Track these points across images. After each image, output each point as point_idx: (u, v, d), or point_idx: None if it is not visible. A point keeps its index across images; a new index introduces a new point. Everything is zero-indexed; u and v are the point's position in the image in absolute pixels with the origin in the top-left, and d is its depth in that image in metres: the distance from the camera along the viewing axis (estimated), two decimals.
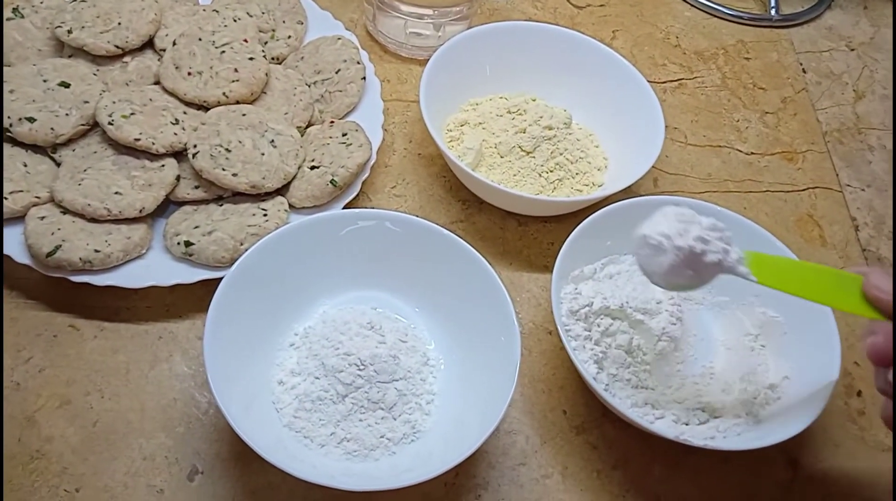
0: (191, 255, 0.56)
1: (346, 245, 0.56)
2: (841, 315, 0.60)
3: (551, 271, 0.55)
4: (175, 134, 0.60)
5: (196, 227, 0.57)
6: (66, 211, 0.56)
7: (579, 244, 0.57)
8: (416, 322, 0.57)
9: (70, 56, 0.64)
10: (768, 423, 0.54)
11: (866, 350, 0.44)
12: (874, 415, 0.60)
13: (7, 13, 0.65)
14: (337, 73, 0.67)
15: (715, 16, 0.87)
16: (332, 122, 0.65)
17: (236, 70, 0.63)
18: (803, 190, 0.73)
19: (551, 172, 0.66)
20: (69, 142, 0.60)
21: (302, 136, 0.64)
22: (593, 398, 0.57)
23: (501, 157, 0.66)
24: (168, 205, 0.60)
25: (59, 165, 0.59)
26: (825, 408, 0.52)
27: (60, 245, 0.54)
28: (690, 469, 0.55)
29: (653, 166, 0.63)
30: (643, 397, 0.54)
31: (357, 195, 0.62)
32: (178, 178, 0.59)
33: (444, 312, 0.57)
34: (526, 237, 0.66)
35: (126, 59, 0.64)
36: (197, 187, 0.60)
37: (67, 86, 0.61)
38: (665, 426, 0.53)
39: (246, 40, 0.66)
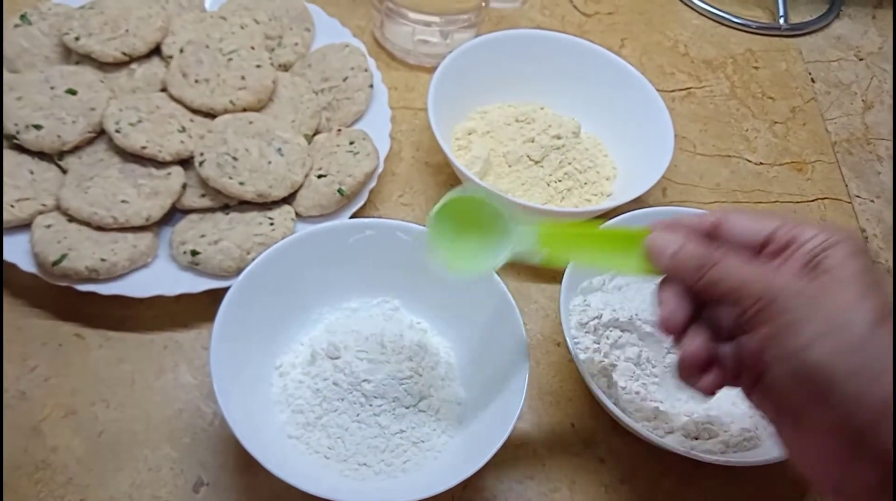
0: (197, 264, 0.56)
1: (354, 254, 0.56)
2: None
3: (559, 282, 0.55)
4: (182, 142, 0.60)
5: (202, 236, 0.57)
6: (72, 219, 0.56)
7: None
8: (427, 331, 0.56)
9: (77, 63, 0.64)
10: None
11: (660, 323, 0.42)
12: None
13: (14, 20, 0.65)
14: (344, 80, 0.67)
15: (723, 24, 0.87)
16: (340, 130, 0.64)
17: (243, 78, 0.63)
18: (812, 201, 0.73)
19: (560, 181, 0.65)
20: (76, 149, 0.60)
21: (309, 144, 0.63)
22: (601, 411, 0.56)
23: (510, 166, 0.66)
24: (174, 213, 0.60)
25: (65, 172, 0.59)
26: None
27: (67, 254, 0.54)
28: (699, 484, 0.55)
29: (662, 176, 0.63)
30: (652, 410, 0.54)
31: (364, 204, 0.62)
32: (184, 186, 0.59)
33: (452, 323, 0.56)
34: None
35: (133, 66, 0.64)
36: (203, 196, 0.59)
37: (74, 93, 0.60)
38: (675, 440, 0.53)
39: (253, 47, 0.65)
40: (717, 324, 0.42)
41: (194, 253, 0.56)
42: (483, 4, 0.75)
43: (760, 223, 0.41)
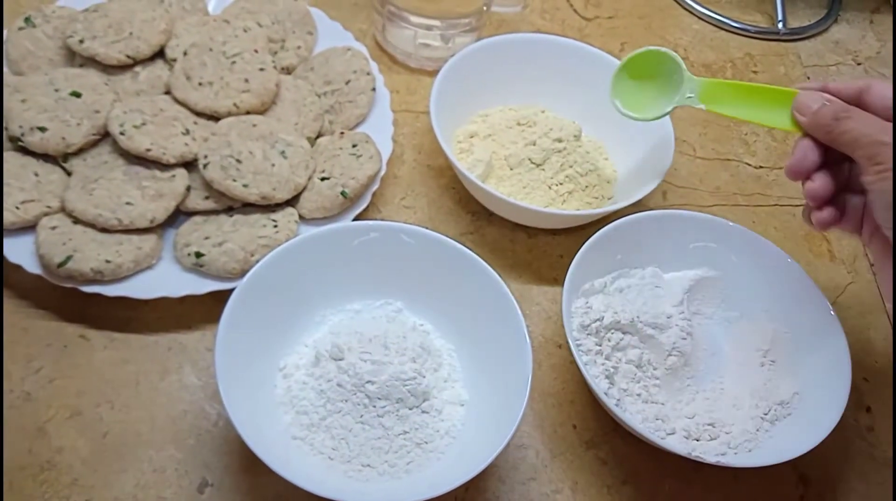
0: (201, 266, 0.56)
1: (357, 256, 0.56)
2: (850, 330, 0.60)
3: (560, 284, 0.55)
4: (186, 144, 0.60)
5: (206, 238, 0.57)
6: (77, 221, 0.56)
7: (589, 258, 0.57)
8: (430, 333, 0.57)
9: (81, 66, 0.64)
10: (779, 439, 0.54)
11: (807, 193, 0.51)
12: (884, 431, 0.60)
13: (19, 22, 0.65)
14: (347, 83, 0.68)
15: (723, 29, 0.87)
16: (343, 133, 0.65)
17: (247, 81, 0.63)
18: None
19: (561, 184, 0.66)
20: (80, 151, 0.60)
21: (312, 147, 0.64)
22: (603, 413, 0.57)
23: (511, 169, 0.66)
24: (178, 215, 0.60)
25: (70, 174, 0.59)
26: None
27: (72, 256, 0.54)
28: (701, 485, 0.55)
29: (662, 180, 0.63)
30: (654, 412, 0.54)
31: (367, 207, 0.62)
32: (188, 188, 0.59)
33: (454, 326, 0.57)
34: (535, 250, 0.66)
35: (137, 69, 0.64)
36: (207, 198, 0.60)
37: (79, 95, 0.61)
38: (676, 441, 0.53)
39: (256, 51, 0.66)
40: (850, 179, 0.51)
41: (198, 255, 0.56)
42: (484, 8, 0.75)
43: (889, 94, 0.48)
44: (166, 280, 0.56)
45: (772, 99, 0.54)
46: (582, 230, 0.64)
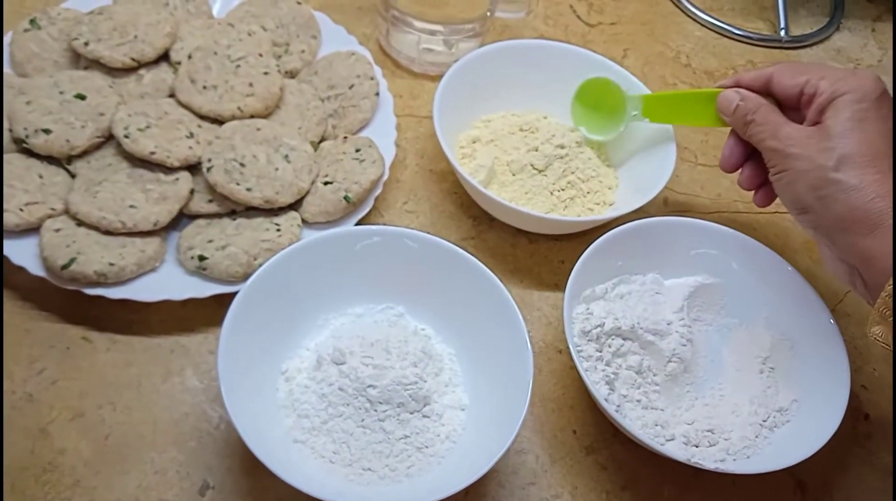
0: (204, 269, 0.56)
1: (360, 261, 0.56)
2: (849, 338, 0.60)
3: (562, 290, 0.56)
4: (190, 148, 0.60)
5: (210, 241, 0.58)
6: (80, 223, 0.57)
7: (591, 264, 0.57)
8: (431, 337, 0.57)
9: (86, 68, 0.64)
10: (778, 446, 0.54)
11: (721, 164, 0.60)
12: (882, 439, 0.60)
13: (24, 24, 0.66)
14: (350, 88, 0.68)
15: (725, 36, 0.87)
16: (346, 137, 0.65)
17: (251, 84, 0.64)
18: None
19: (563, 190, 0.66)
20: (84, 154, 0.60)
21: (315, 151, 0.64)
22: (603, 419, 0.57)
23: (513, 174, 0.67)
24: (181, 218, 0.60)
25: (74, 176, 0.59)
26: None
27: (75, 258, 0.54)
28: (700, 491, 0.55)
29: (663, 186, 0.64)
30: (653, 418, 0.55)
31: (370, 211, 0.62)
32: (192, 191, 0.60)
33: (455, 330, 0.57)
34: (537, 255, 0.66)
35: (141, 71, 0.65)
36: (210, 201, 0.60)
37: (83, 98, 0.61)
38: (675, 447, 0.53)
39: (261, 54, 0.66)
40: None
41: (202, 258, 0.56)
42: (488, 14, 0.75)
43: (796, 79, 0.55)
44: (169, 283, 0.56)
45: (703, 102, 0.61)
46: (583, 236, 0.64)
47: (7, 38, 0.66)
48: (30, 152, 0.59)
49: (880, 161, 0.50)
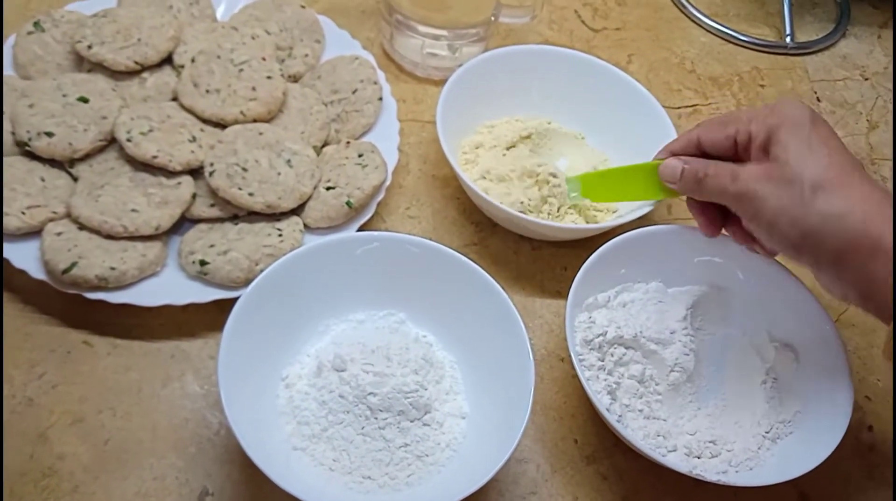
0: (206, 274, 0.56)
1: (361, 266, 0.56)
2: (853, 349, 0.60)
3: (564, 297, 0.55)
4: (192, 152, 0.60)
5: (211, 246, 0.57)
6: (82, 227, 0.57)
7: (593, 272, 0.57)
8: (433, 344, 0.57)
9: (89, 71, 0.64)
10: (781, 458, 0.54)
11: (704, 231, 0.58)
12: (885, 450, 0.60)
13: (28, 27, 0.66)
14: (354, 93, 0.68)
15: (730, 42, 0.87)
16: (349, 142, 0.65)
17: (254, 89, 0.64)
18: None
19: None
20: (87, 157, 0.60)
21: (318, 156, 0.64)
22: (604, 428, 0.57)
23: (516, 180, 0.66)
24: (183, 223, 0.60)
25: (76, 180, 0.59)
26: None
27: (77, 262, 0.54)
28: None
29: None
30: (655, 428, 0.54)
31: (372, 216, 0.62)
32: (194, 196, 0.60)
33: (457, 338, 0.57)
34: (539, 262, 0.66)
35: (144, 75, 0.65)
36: (213, 206, 0.60)
37: (86, 101, 0.61)
38: (677, 459, 0.53)
39: (264, 58, 0.66)
40: None
41: (203, 263, 0.56)
42: (492, 19, 0.75)
43: (724, 131, 0.54)
44: (170, 288, 0.56)
45: (642, 175, 0.60)
46: (586, 243, 0.63)
47: (10, 41, 0.66)
48: (32, 155, 0.59)
49: (853, 176, 0.48)
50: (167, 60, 0.66)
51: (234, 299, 0.51)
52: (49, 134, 0.59)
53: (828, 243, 0.47)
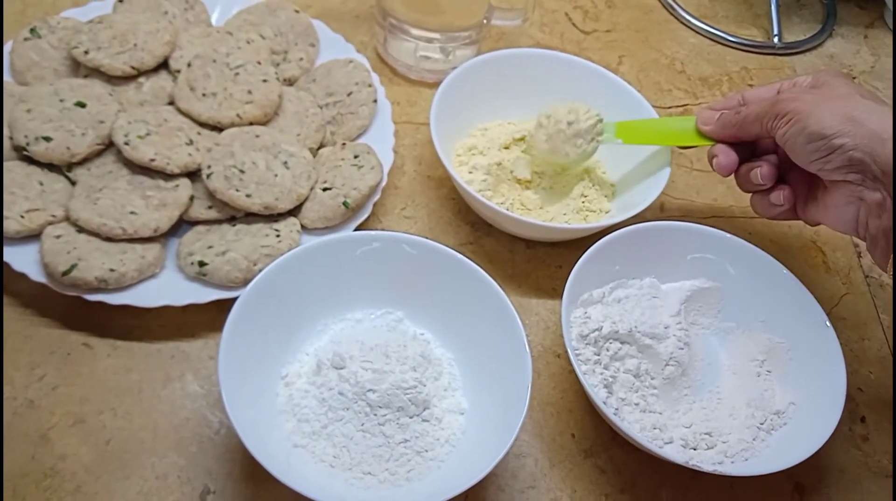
0: (204, 275, 0.57)
1: (359, 266, 0.57)
2: (845, 341, 0.61)
3: (559, 295, 0.56)
4: (189, 154, 0.61)
5: (210, 247, 0.58)
6: (81, 230, 0.57)
7: (588, 269, 0.58)
8: (430, 342, 0.57)
9: (86, 76, 0.65)
10: (775, 448, 0.54)
11: (716, 169, 0.60)
12: (878, 441, 0.60)
13: (24, 33, 0.66)
14: (349, 95, 0.68)
15: (719, 43, 0.88)
16: (344, 144, 0.65)
17: (250, 92, 0.64)
18: None
19: (559, 198, 0.66)
20: (84, 161, 0.60)
21: (314, 157, 0.64)
22: (601, 422, 0.57)
23: (510, 182, 0.67)
24: (181, 225, 0.61)
25: (74, 184, 0.60)
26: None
27: (76, 264, 0.54)
28: (698, 494, 0.56)
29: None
30: (651, 421, 0.55)
31: (368, 217, 0.63)
32: (191, 198, 0.60)
33: (454, 335, 0.57)
34: (534, 260, 0.66)
35: (141, 79, 0.65)
36: (210, 208, 0.60)
37: (83, 106, 0.61)
38: (673, 450, 0.54)
39: (259, 62, 0.67)
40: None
41: (202, 264, 0.57)
42: (484, 22, 0.76)
43: (769, 89, 0.59)
44: (169, 289, 0.57)
45: (678, 124, 0.65)
46: (581, 242, 0.64)
47: (7, 47, 0.66)
48: (30, 160, 0.60)
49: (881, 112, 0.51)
50: (163, 65, 0.66)
51: (233, 300, 0.52)
52: (47, 139, 0.59)
53: (868, 125, 0.50)
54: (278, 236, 0.59)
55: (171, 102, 0.64)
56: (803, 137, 0.53)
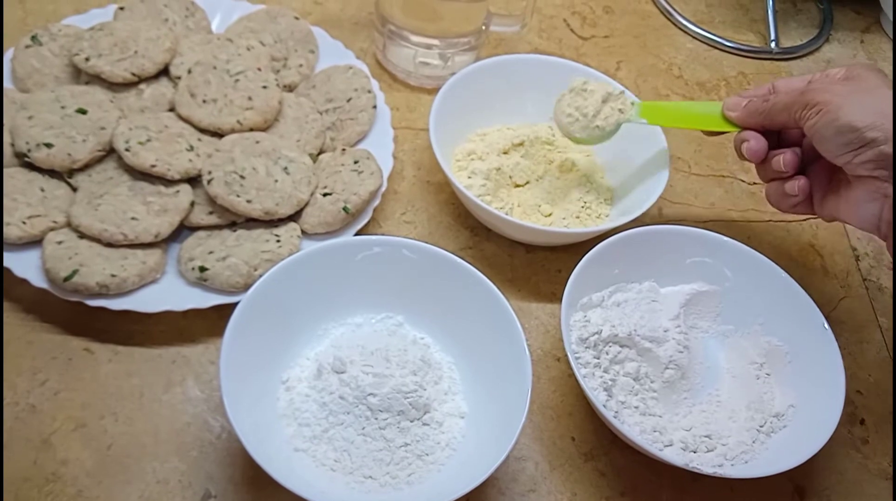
0: (205, 280, 0.57)
1: (359, 271, 0.57)
2: (844, 344, 0.61)
3: (559, 299, 0.56)
4: (190, 160, 0.61)
5: (210, 252, 0.58)
6: (82, 236, 0.57)
7: (587, 273, 0.58)
8: (430, 346, 0.58)
9: (87, 83, 0.65)
10: (775, 451, 0.55)
11: (746, 154, 0.58)
12: (877, 443, 0.61)
13: (26, 40, 0.67)
14: (348, 101, 0.69)
15: (716, 48, 0.89)
16: (344, 149, 0.66)
17: (250, 98, 0.65)
18: (804, 220, 0.74)
19: (558, 202, 0.67)
20: (86, 167, 0.61)
21: (314, 163, 0.65)
22: (601, 425, 0.58)
23: (508, 187, 0.67)
24: (182, 230, 0.61)
25: (75, 190, 0.60)
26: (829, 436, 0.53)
27: (78, 270, 0.55)
28: (698, 496, 0.56)
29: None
30: (651, 424, 0.55)
31: (368, 222, 0.63)
32: (192, 204, 0.60)
33: (454, 339, 0.57)
34: (534, 265, 0.67)
35: (142, 86, 0.65)
36: (211, 213, 0.61)
37: (84, 112, 0.62)
38: (673, 453, 0.54)
39: (259, 69, 0.67)
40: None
41: (202, 269, 0.57)
42: (483, 28, 0.76)
43: (800, 80, 0.58)
44: (170, 294, 0.57)
45: (703, 110, 0.63)
46: (580, 246, 0.64)
47: (8, 55, 0.67)
48: (32, 166, 0.60)
49: None
50: (164, 72, 0.67)
51: (234, 305, 0.52)
52: (48, 145, 0.59)
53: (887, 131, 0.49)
54: (279, 241, 0.59)
55: (172, 109, 0.65)
56: (833, 129, 0.51)
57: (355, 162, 0.64)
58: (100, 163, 0.61)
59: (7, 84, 0.66)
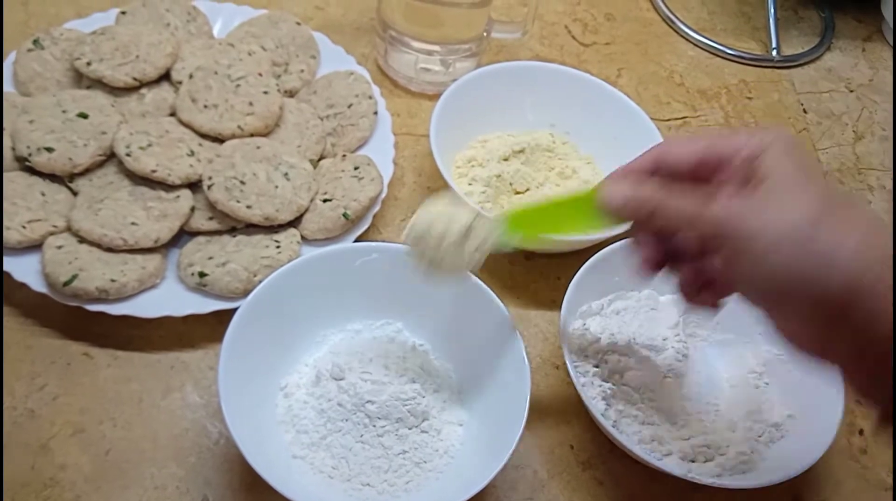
0: (205, 286, 0.57)
1: (358, 277, 0.57)
2: None
3: (558, 306, 0.56)
4: (191, 166, 0.61)
5: (210, 258, 0.58)
6: (82, 240, 0.57)
7: (587, 281, 0.58)
8: (429, 353, 0.58)
9: (88, 87, 0.65)
10: (774, 461, 0.54)
11: (640, 272, 0.46)
12: (876, 454, 0.61)
13: (27, 44, 0.67)
14: (349, 107, 0.69)
15: (718, 56, 0.89)
16: (345, 155, 0.66)
17: (251, 104, 0.65)
18: None
19: None
20: (86, 172, 0.61)
21: (314, 169, 0.65)
22: (600, 434, 0.57)
23: (508, 195, 0.67)
24: (182, 235, 0.61)
25: (76, 194, 0.60)
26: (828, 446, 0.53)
27: (77, 274, 0.55)
28: None
29: None
30: (650, 433, 0.55)
31: (368, 228, 0.63)
32: (192, 209, 0.60)
33: (453, 347, 0.57)
34: (533, 272, 0.66)
35: (143, 91, 0.66)
36: (211, 219, 0.61)
37: (86, 117, 0.62)
38: (672, 463, 0.54)
39: (261, 74, 0.67)
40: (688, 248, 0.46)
41: (202, 275, 0.57)
42: (484, 34, 0.76)
43: (693, 147, 0.43)
44: (170, 299, 0.57)
45: (581, 206, 0.46)
46: (580, 254, 0.64)
47: (10, 58, 0.67)
48: (32, 170, 0.60)
49: (852, 210, 0.39)
50: (165, 77, 0.67)
51: (233, 310, 0.52)
52: (49, 149, 0.59)
53: (833, 279, 0.37)
54: (278, 247, 0.59)
55: (173, 114, 0.65)
56: (751, 286, 0.41)
57: (356, 168, 0.64)
58: (100, 167, 0.61)
59: (8, 88, 0.66)
